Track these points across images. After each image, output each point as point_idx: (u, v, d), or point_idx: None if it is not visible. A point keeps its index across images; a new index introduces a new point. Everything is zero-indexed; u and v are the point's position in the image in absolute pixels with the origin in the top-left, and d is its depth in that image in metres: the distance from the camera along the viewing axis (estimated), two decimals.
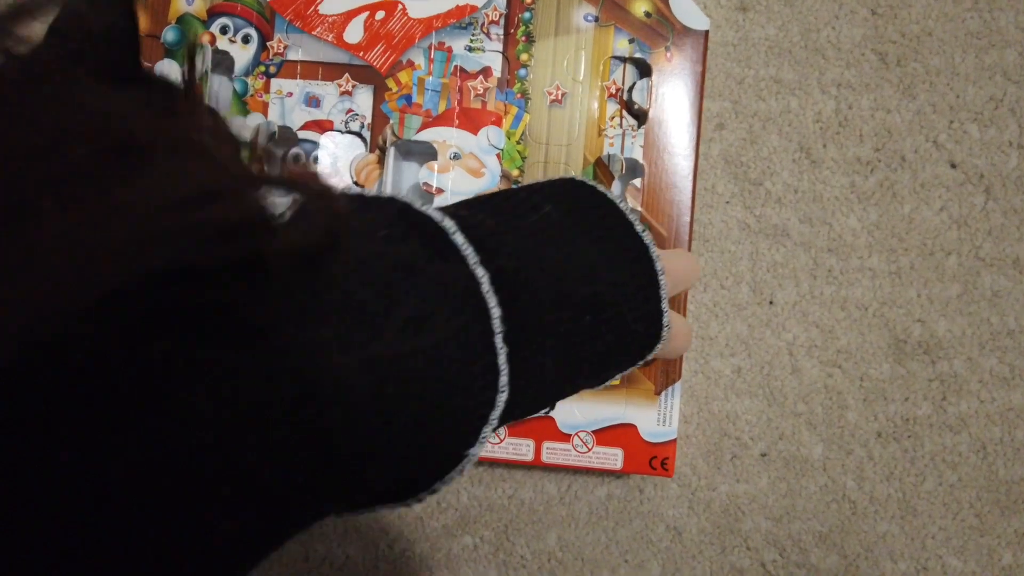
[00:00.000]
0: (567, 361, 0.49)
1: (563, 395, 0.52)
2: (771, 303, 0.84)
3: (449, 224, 0.43)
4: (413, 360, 0.39)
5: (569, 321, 0.48)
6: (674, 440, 0.72)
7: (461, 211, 0.46)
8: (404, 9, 0.72)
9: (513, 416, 0.48)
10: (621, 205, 0.53)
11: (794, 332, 0.84)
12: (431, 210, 0.44)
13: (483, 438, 0.44)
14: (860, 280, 0.83)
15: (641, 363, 0.56)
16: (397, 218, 0.43)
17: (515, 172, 0.72)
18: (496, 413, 0.44)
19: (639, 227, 0.53)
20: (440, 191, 0.72)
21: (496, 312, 0.43)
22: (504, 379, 0.43)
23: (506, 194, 0.51)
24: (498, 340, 0.43)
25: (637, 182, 0.71)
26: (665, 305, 0.54)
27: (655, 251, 0.53)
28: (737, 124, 0.83)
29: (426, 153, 0.72)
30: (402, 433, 0.40)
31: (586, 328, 0.49)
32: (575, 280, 0.49)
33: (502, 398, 0.44)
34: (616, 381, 0.71)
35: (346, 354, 0.37)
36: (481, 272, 0.43)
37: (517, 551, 0.84)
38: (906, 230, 0.83)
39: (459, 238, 0.43)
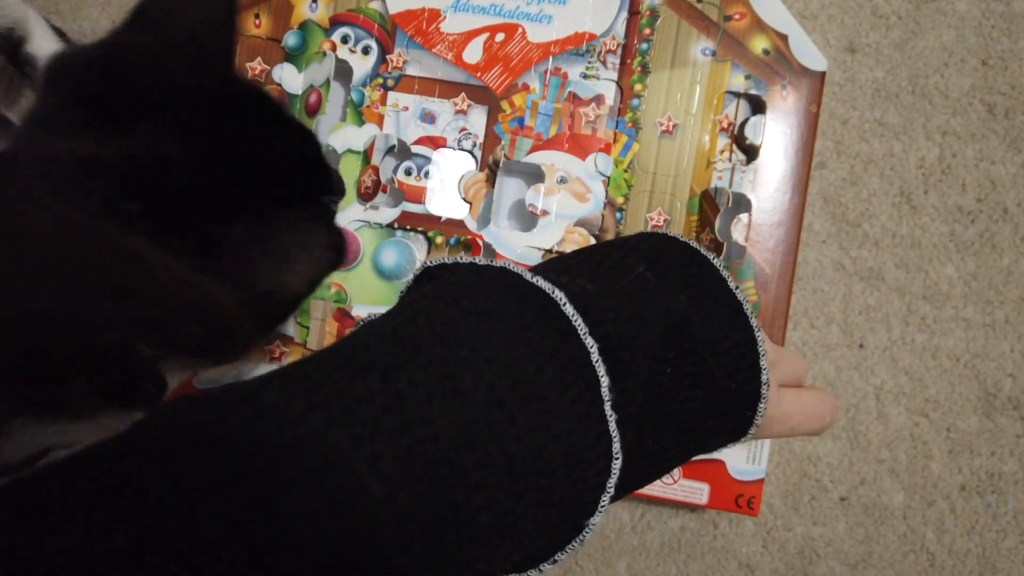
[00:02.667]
0: (660, 421, 0.52)
1: (665, 462, 0.55)
2: (861, 346, 0.87)
3: (559, 295, 0.46)
4: (535, 436, 0.43)
5: (656, 377, 0.51)
6: (762, 479, 0.75)
7: (563, 277, 0.50)
8: (524, 33, 0.76)
9: (625, 488, 0.52)
10: (715, 262, 0.57)
11: (882, 377, 0.87)
12: (542, 282, 0.47)
13: (602, 507, 0.47)
14: (953, 330, 0.87)
15: (748, 436, 0.58)
16: (510, 291, 0.47)
17: (620, 200, 0.76)
18: (612, 481, 0.47)
19: (732, 284, 0.56)
20: (545, 213, 0.76)
21: (605, 381, 0.46)
22: (617, 445, 0.46)
23: (601, 254, 0.54)
24: (607, 408, 0.46)
25: (744, 217, 0.75)
26: (764, 363, 0.55)
27: (748, 307, 0.56)
28: (838, 164, 0.87)
29: (534, 175, 0.77)
30: (530, 506, 0.43)
31: (668, 383, 0.52)
32: (669, 339, 0.52)
33: (617, 465, 0.47)
34: None
35: (485, 435, 0.41)
36: (591, 342, 0.46)
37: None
38: (1004, 283, 0.87)
39: (569, 309, 0.46)
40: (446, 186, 0.77)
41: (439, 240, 0.77)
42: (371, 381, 0.39)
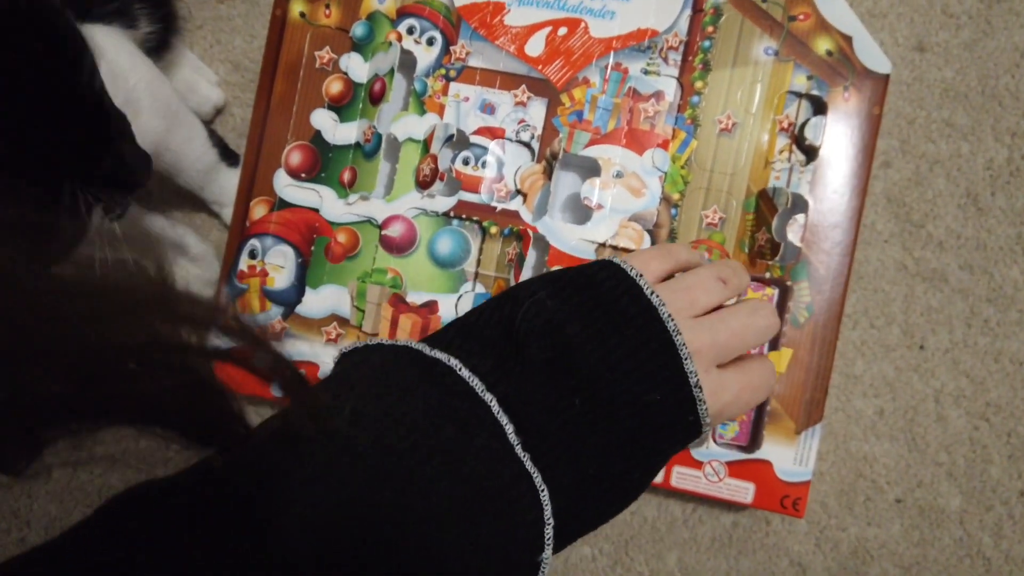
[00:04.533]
0: (594, 447, 0.55)
1: (623, 482, 0.57)
2: (921, 348, 0.88)
3: (455, 363, 0.52)
4: (442, 483, 0.48)
5: (566, 411, 0.54)
6: (808, 481, 0.77)
7: (467, 344, 0.56)
8: (587, 27, 0.78)
9: (592, 518, 0.56)
10: (631, 272, 0.58)
11: (943, 379, 0.88)
12: (439, 353, 0.53)
13: (548, 540, 0.52)
14: (1017, 334, 0.87)
15: (705, 432, 0.59)
16: (411, 365, 0.53)
17: (676, 196, 0.78)
18: (547, 513, 0.52)
19: (648, 289, 0.57)
20: (600, 207, 0.78)
21: (509, 428, 0.51)
22: (539, 479, 0.51)
23: (498, 302, 0.59)
24: (519, 450, 0.51)
25: (800, 217, 0.76)
26: (689, 366, 0.56)
27: (665, 311, 0.57)
28: (904, 164, 0.88)
29: (590, 169, 0.79)
30: (463, 544, 0.49)
31: (586, 411, 0.54)
32: (562, 375, 0.55)
33: (545, 496, 0.51)
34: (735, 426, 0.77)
35: (389, 487, 0.47)
36: (489, 397, 0.52)
37: (636, 567, 0.90)
38: None
39: (465, 373, 0.52)
40: (502, 176, 0.79)
41: (493, 230, 0.79)
42: (291, 457, 0.47)
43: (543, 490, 0.51)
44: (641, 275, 0.58)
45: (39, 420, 0.41)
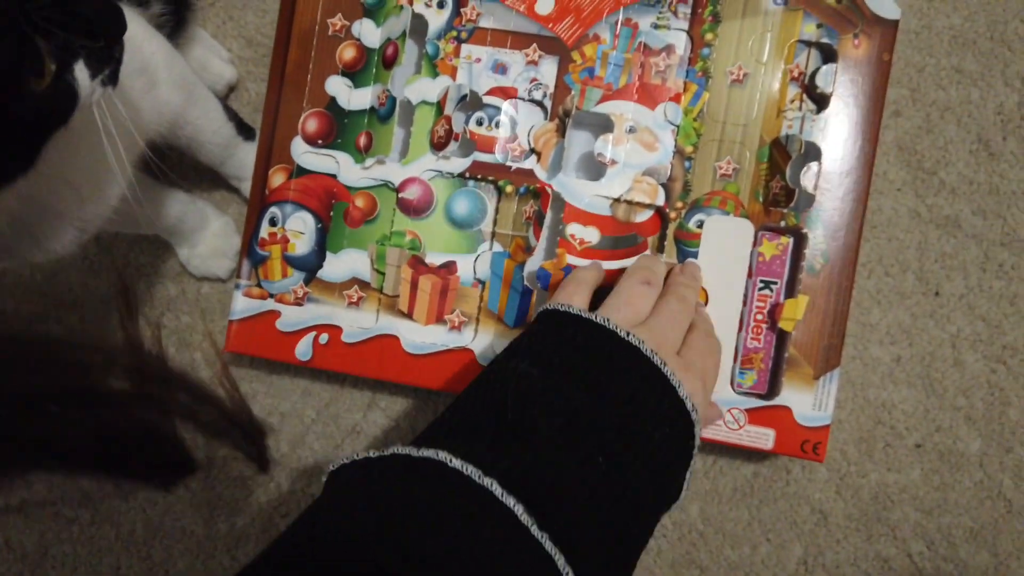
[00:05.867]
0: (615, 509, 0.56)
1: (650, 512, 0.60)
2: (937, 294, 0.89)
3: (444, 455, 0.52)
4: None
5: (593, 475, 0.55)
6: (828, 426, 0.78)
7: (454, 435, 0.56)
8: None
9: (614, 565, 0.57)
10: (598, 319, 0.61)
11: (959, 324, 0.89)
12: (425, 451, 0.53)
13: None
14: None
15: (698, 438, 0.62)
16: (405, 470, 0.53)
17: (689, 148, 0.79)
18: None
19: (622, 332, 0.59)
20: (613, 162, 0.79)
21: (519, 509, 0.51)
22: (562, 560, 0.51)
23: (488, 377, 0.60)
24: (535, 531, 0.50)
25: (813, 165, 0.77)
26: (682, 391, 0.58)
27: (647, 347, 0.59)
28: (914, 112, 0.88)
29: (603, 125, 0.80)
30: None
31: (606, 471, 0.55)
32: (580, 434, 0.56)
33: (561, 562, 0.51)
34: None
35: None
36: (488, 481, 0.51)
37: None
38: None
39: (457, 463, 0.52)
40: (516, 136, 0.80)
41: (509, 189, 0.80)
42: None
43: (566, 572, 0.51)
44: (607, 319, 0.61)
45: None
